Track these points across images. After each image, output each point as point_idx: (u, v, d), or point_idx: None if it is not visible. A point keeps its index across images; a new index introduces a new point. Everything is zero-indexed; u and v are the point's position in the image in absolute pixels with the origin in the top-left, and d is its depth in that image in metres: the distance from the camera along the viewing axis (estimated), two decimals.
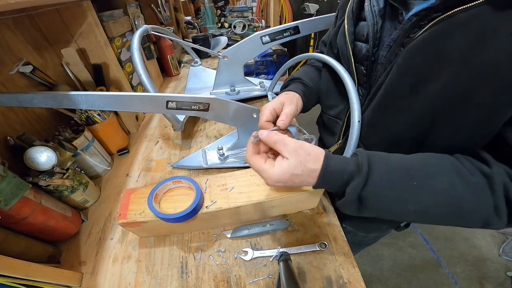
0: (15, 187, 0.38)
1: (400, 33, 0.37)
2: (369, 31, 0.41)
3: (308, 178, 0.33)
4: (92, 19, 0.60)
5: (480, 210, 0.30)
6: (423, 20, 0.34)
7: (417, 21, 0.34)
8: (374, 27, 0.41)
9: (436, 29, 0.31)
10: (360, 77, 0.46)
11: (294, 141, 0.34)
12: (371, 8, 0.41)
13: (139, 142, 0.77)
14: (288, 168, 0.32)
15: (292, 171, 0.32)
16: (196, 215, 0.42)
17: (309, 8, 2.78)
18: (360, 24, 0.45)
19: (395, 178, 0.31)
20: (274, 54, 1.31)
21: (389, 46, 0.39)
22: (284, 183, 0.34)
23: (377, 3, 0.40)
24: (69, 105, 0.43)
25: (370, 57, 0.42)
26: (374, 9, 0.41)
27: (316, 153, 0.33)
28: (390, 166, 0.32)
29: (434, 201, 0.30)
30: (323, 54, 0.53)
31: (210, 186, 0.46)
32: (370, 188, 0.31)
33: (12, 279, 0.32)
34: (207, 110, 0.50)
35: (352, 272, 0.41)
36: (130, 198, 0.45)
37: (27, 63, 0.50)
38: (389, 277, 1.30)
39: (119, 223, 0.42)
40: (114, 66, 0.70)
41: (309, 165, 0.32)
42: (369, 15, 0.41)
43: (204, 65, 1.21)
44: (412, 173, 0.31)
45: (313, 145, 0.34)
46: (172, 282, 0.42)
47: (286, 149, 0.33)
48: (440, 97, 0.33)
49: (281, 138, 0.34)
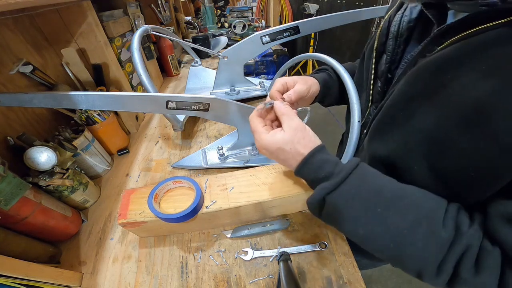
0: (15, 187, 0.38)
1: (419, 49, 0.33)
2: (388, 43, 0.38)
3: (292, 160, 0.33)
4: (92, 19, 0.60)
5: (421, 262, 0.28)
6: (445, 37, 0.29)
7: (437, 37, 0.30)
8: (396, 40, 0.37)
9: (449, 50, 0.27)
10: (375, 95, 0.43)
11: (300, 121, 0.34)
12: (401, 17, 0.37)
13: (139, 142, 0.77)
14: (279, 140, 0.33)
15: (281, 145, 0.33)
16: (196, 215, 0.42)
17: (309, 8, 2.78)
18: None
19: (362, 196, 0.30)
20: (274, 54, 1.31)
21: (406, 64, 0.36)
22: (270, 154, 0.34)
23: (410, 13, 0.36)
24: (69, 105, 0.43)
25: (386, 72, 0.39)
26: (403, 19, 0.36)
27: (311, 140, 0.33)
28: (365, 183, 0.30)
29: (383, 234, 0.29)
30: (324, 55, 0.53)
31: (210, 186, 0.46)
32: (334, 196, 0.30)
33: (12, 279, 0.32)
34: (207, 110, 0.50)
35: (352, 272, 0.41)
36: (130, 198, 0.45)
37: (27, 63, 0.49)
38: (389, 277, 1.30)
39: (119, 223, 0.42)
40: (114, 66, 0.70)
41: (298, 146, 0.32)
42: (395, 25, 0.37)
43: (204, 65, 1.20)
44: (380, 200, 0.29)
45: (315, 134, 0.35)
46: (172, 282, 0.42)
47: (289, 123, 0.33)
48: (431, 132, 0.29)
49: (291, 113, 0.34)
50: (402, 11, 0.37)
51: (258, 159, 0.63)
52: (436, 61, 0.28)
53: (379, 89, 0.42)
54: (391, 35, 0.38)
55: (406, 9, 0.37)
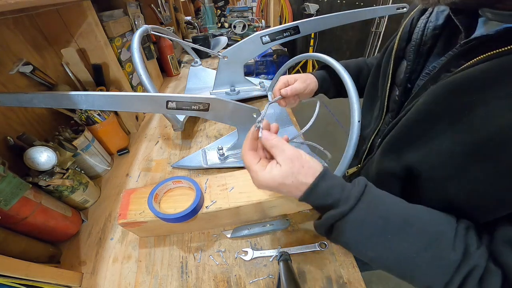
0: (15, 187, 0.38)
1: (444, 61, 0.30)
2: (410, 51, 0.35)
3: (296, 190, 0.31)
4: (92, 19, 0.60)
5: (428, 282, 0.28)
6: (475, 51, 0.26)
7: (467, 50, 0.27)
8: (419, 47, 0.34)
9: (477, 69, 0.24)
10: (391, 104, 0.41)
11: (292, 149, 0.31)
12: (425, 23, 0.34)
13: (139, 142, 0.77)
14: (277, 176, 0.30)
15: (282, 180, 0.30)
16: (196, 215, 0.42)
17: (309, 8, 2.79)
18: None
19: (371, 223, 0.29)
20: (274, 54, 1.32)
21: (428, 74, 0.33)
22: (270, 189, 0.32)
23: (436, 19, 0.33)
24: (69, 105, 0.43)
25: (405, 82, 0.37)
26: (428, 25, 0.33)
27: (311, 166, 0.31)
28: (374, 209, 0.30)
29: (393, 258, 0.29)
30: (324, 55, 0.53)
31: (210, 186, 0.46)
32: (343, 223, 0.30)
33: (12, 279, 0.32)
34: (207, 110, 0.50)
35: (352, 272, 0.41)
36: (130, 198, 0.45)
37: (27, 63, 0.50)
38: (389, 277, 1.30)
39: (119, 223, 0.42)
40: (114, 66, 0.70)
41: (300, 177, 0.30)
42: (418, 31, 0.34)
43: (204, 65, 1.20)
44: (389, 226, 0.29)
45: (312, 158, 0.32)
46: (172, 282, 0.42)
47: (282, 156, 0.31)
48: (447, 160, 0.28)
49: (280, 144, 0.31)
50: (427, 15, 0.34)
51: None
52: (462, 80, 0.26)
53: (397, 99, 0.40)
54: (413, 42, 0.35)
55: (432, 14, 0.34)
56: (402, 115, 0.35)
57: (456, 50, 0.29)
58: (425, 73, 0.34)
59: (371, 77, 0.52)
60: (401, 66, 0.39)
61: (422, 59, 0.35)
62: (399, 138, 0.35)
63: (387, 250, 0.29)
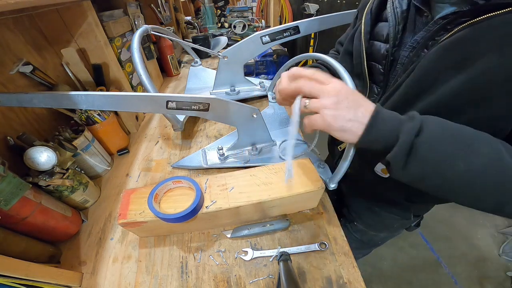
0: (15, 187, 0.38)
1: (425, 35, 0.38)
2: (389, 31, 0.43)
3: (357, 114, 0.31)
4: (92, 19, 0.60)
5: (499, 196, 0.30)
6: (450, 24, 0.35)
7: (444, 24, 0.36)
8: (395, 28, 0.42)
9: (463, 33, 0.32)
10: (376, 76, 0.48)
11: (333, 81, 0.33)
12: (393, 9, 0.43)
13: (139, 142, 0.77)
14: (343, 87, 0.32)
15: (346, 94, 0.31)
16: (196, 215, 0.42)
17: (309, 8, 2.78)
18: (379, 25, 0.47)
19: (449, 132, 0.30)
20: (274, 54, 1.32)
21: (412, 47, 0.41)
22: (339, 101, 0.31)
23: (400, 5, 0.42)
24: (69, 105, 0.43)
25: (389, 56, 0.44)
26: (396, 11, 0.42)
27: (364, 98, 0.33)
28: (443, 122, 0.31)
29: (484, 163, 0.29)
30: (324, 55, 0.53)
31: (210, 186, 0.46)
32: (424, 135, 0.29)
33: (12, 279, 0.32)
34: (207, 110, 0.50)
35: (352, 272, 0.41)
36: (130, 198, 0.45)
37: (27, 63, 0.50)
38: (389, 277, 1.30)
39: (119, 223, 0.42)
40: (114, 66, 0.70)
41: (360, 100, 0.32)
42: (391, 16, 0.43)
43: (204, 65, 1.20)
44: (465, 134, 0.30)
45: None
46: (172, 282, 0.42)
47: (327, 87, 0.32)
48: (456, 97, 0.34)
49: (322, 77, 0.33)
50: (391, 4, 0.43)
51: (258, 159, 0.63)
52: (458, 39, 0.32)
53: (382, 71, 0.46)
54: (390, 23, 0.42)
55: (395, 2, 0.42)
56: (403, 78, 0.40)
57: (433, 26, 0.37)
58: (408, 45, 0.41)
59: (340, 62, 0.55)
60: (374, 46, 0.47)
61: (399, 36, 0.42)
62: (409, 94, 0.39)
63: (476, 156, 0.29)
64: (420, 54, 0.39)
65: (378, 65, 0.47)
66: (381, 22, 0.46)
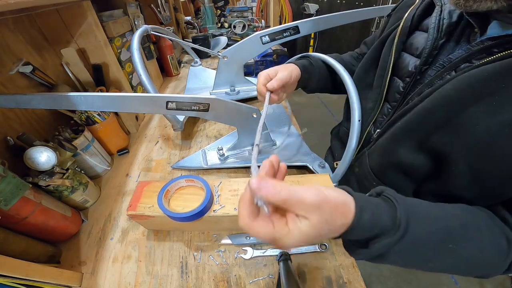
0: (15, 187, 0.38)
1: (463, 55, 0.32)
2: (426, 45, 0.36)
3: (335, 233, 0.25)
4: (92, 19, 0.60)
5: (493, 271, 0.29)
6: (499, 47, 0.29)
7: (490, 46, 0.30)
8: (434, 42, 0.36)
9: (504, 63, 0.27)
10: (392, 93, 0.41)
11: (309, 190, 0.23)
12: (439, 20, 0.36)
13: (139, 142, 0.77)
14: (310, 231, 0.23)
15: (317, 232, 0.23)
16: (202, 217, 0.42)
17: (309, 8, 2.79)
18: (415, 34, 0.39)
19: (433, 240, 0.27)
20: (274, 54, 1.32)
21: (442, 66, 0.35)
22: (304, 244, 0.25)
23: (449, 16, 0.35)
24: (68, 106, 0.43)
25: (415, 74, 0.38)
26: (442, 22, 0.35)
27: (344, 203, 0.24)
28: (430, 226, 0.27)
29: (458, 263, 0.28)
30: (324, 55, 0.53)
31: (222, 189, 0.46)
32: (399, 247, 0.25)
33: (12, 279, 0.32)
34: (207, 111, 0.50)
35: (352, 272, 0.41)
36: (143, 190, 0.46)
37: (27, 63, 0.49)
38: (389, 277, 1.30)
39: (127, 214, 0.43)
40: (114, 66, 0.70)
41: (337, 221, 0.24)
42: (434, 27, 0.36)
43: (204, 65, 1.21)
44: (453, 236, 0.27)
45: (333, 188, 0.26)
46: (172, 282, 0.42)
47: (302, 207, 0.23)
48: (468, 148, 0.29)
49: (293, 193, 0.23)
50: (438, 13, 0.36)
51: (258, 159, 0.62)
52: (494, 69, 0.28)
53: (401, 89, 0.40)
54: (430, 37, 0.36)
55: (443, 12, 0.36)
56: (416, 102, 0.35)
57: (477, 45, 0.31)
58: (438, 64, 0.35)
59: (361, 71, 0.49)
60: (402, 58, 0.40)
61: (436, 53, 0.36)
62: (420, 123, 0.34)
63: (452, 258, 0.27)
64: (445, 76, 0.33)
65: (400, 81, 0.40)
66: (419, 32, 0.39)
